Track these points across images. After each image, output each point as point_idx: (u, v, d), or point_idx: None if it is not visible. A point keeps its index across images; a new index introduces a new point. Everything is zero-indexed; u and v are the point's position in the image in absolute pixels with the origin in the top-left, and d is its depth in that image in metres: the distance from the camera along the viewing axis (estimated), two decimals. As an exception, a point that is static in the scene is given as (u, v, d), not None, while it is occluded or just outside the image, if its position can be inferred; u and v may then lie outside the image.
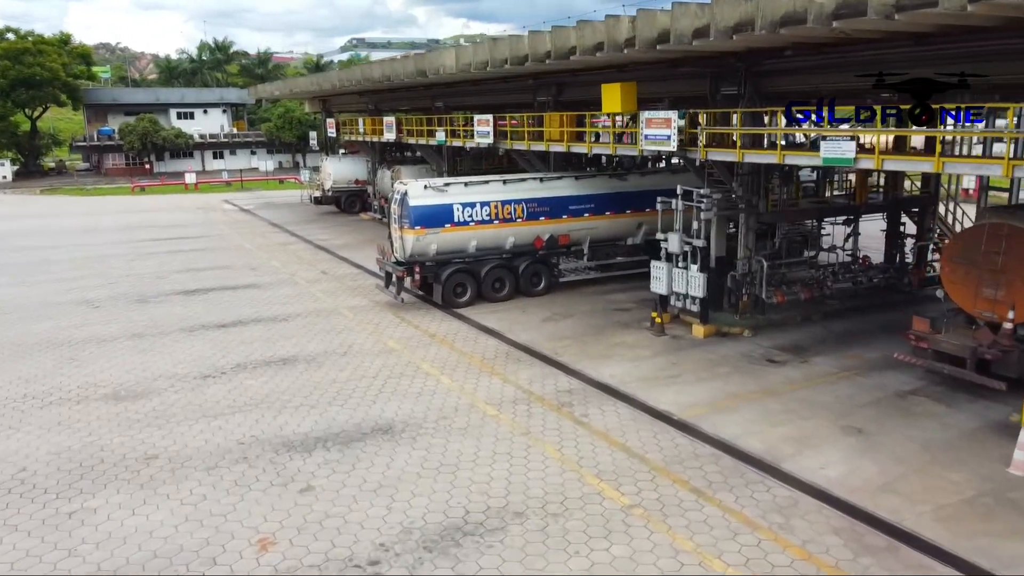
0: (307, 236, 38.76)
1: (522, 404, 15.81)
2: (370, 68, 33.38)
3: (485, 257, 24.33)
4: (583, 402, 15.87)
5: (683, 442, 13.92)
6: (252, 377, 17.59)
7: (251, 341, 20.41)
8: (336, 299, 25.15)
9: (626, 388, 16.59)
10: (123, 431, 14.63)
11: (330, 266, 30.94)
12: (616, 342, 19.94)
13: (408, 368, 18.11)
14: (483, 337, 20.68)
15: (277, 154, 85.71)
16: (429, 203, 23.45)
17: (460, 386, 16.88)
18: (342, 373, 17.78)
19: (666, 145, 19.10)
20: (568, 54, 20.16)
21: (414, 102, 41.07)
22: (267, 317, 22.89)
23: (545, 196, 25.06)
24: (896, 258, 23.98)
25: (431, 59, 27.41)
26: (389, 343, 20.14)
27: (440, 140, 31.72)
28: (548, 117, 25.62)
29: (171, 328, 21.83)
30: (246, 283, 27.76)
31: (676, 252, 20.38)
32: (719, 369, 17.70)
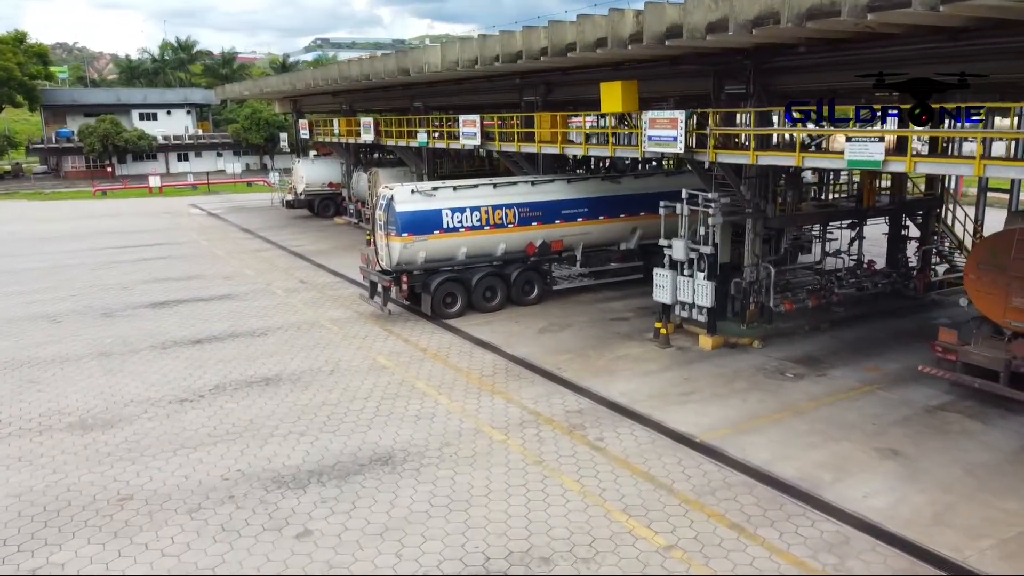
0: (281, 242, 37.16)
1: (530, 427, 14.64)
2: (348, 67, 31.97)
3: (475, 265, 23.12)
4: (596, 424, 14.74)
5: (711, 469, 12.85)
6: (233, 400, 16.18)
7: (229, 359, 18.96)
8: (317, 310, 23.74)
9: (639, 407, 15.50)
10: (92, 467, 13.16)
11: (308, 274, 29.48)
12: (620, 355, 18.85)
13: (402, 388, 16.84)
14: (478, 351, 19.47)
15: (244, 156, 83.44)
16: (416, 208, 22.17)
17: (461, 407, 15.65)
18: (331, 394, 16.45)
19: (672, 147, 18.06)
20: (566, 50, 19.04)
21: (391, 102, 39.69)
22: (245, 331, 21.43)
23: (537, 200, 23.92)
24: (900, 263, 23.21)
25: (415, 57, 26.13)
26: (379, 359, 18.83)
27: (422, 142, 30.42)
28: (539, 117, 24.48)
29: (141, 345, 20.27)
30: (220, 294, 26.20)
31: (681, 259, 19.35)
32: (735, 384, 16.70)
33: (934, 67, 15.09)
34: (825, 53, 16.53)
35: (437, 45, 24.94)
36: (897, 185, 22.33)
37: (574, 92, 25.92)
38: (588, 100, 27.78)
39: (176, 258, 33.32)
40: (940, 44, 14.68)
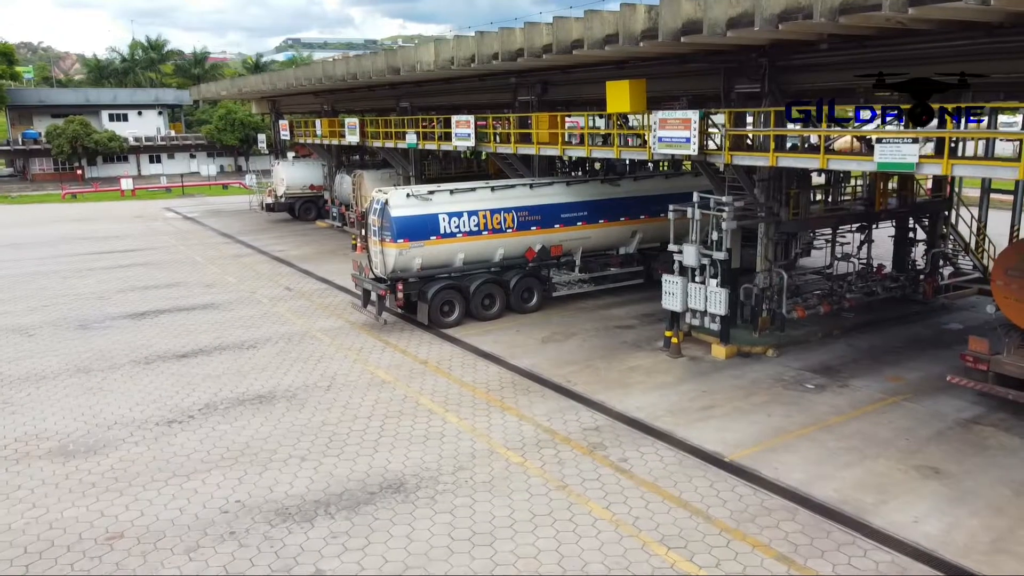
0: (262, 247, 35.93)
1: (548, 447, 13.76)
2: (333, 66, 30.87)
3: (473, 271, 22.20)
4: (616, 443, 13.91)
5: (745, 492, 12.06)
6: (226, 421, 15.11)
7: (218, 374, 17.86)
8: (307, 320, 22.67)
9: (659, 423, 14.69)
10: (77, 499, 12.06)
11: (293, 281, 28.35)
12: (631, 366, 18.04)
13: (406, 404, 15.88)
14: (481, 363, 18.56)
15: (219, 158, 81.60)
16: (412, 213, 21.20)
17: (471, 426, 14.73)
18: (331, 413, 15.44)
19: (684, 148, 17.27)
20: (571, 48, 18.21)
21: (375, 103, 38.62)
22: (232, 344, 20.31)
23: (536, 204, 23.06)
24: (909, 267, 22.67)
25: (406, 55, 25.14)
26: (377, 373, 17.85)
27: (411, 143, 29.41)
28: (536, 118, 23.61)
29: (122, 360, 19.09)
30: (202, 303, 25.01)
31: (693, 265, 18.58)
32: (755, 397, 15.95)
33: (963, 65, 14.48)
34: (851, 50, 15.82)
35: (430, 43, 23.98)
36: (905, 187, 21.76)
37: (572, 91, 25.11)
38: (586, 99, 27.19)
39: (153, 265, 31.98)
40: (972, 41, 14.04)
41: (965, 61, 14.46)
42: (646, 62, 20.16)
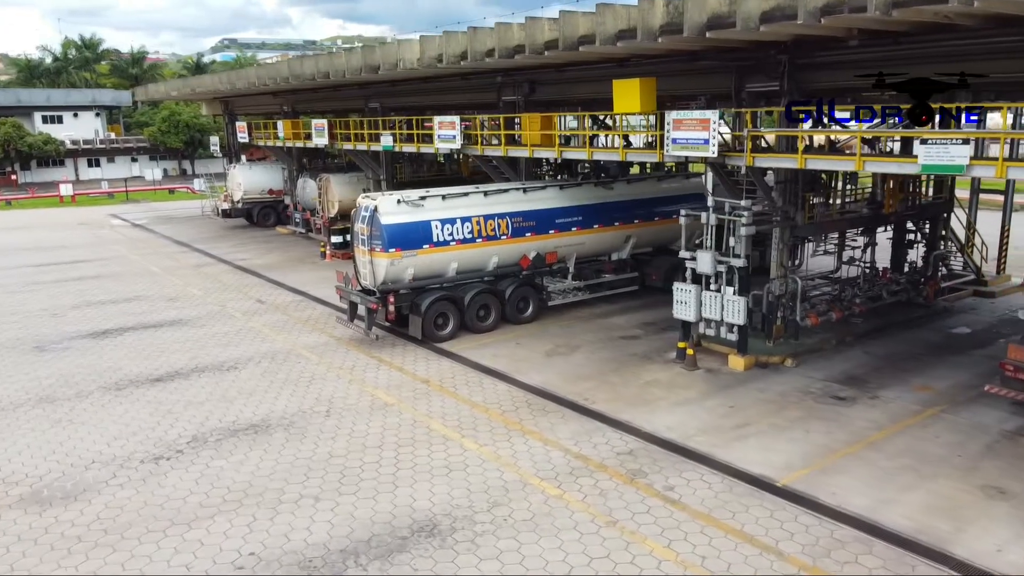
0: (223, 255, 33.96)
1: (584, 476, 12.64)
2: (300, 64, 29.19)
3: (467, 281, 20.96)
4: (656, 468, 12.87)
5: (810, 522, 11.14)
6: (220, 455, 13.59)
7: (201, 401, 16.26)
8: (288, 336, 21.10)
9: (695, 445, 13.72)
10: (61, 559, 10.47)
11: (264, 292, 26.64)
12: (647, 380, 17.06)
13: (417, 430, 14.57)
14: (487, 380, 17.35)
15: (162, 161, 78.25)
16: (404, 221, 19.87)
17: (494, 453, 13.52)
18: (336, 443, 14.05)
19: (702, 150, 16.36)
20: (578, 44, 17.15)
21: (341, 103, 36.94)
22: (211, 365, 18.66)
23: (530, 209, 21.94)
24: (908, 270, 22.25)
25: (386, 52, 23.73)
26: (377, 394, 16.49)
27: (387, 146, 27.97)
28: (528, 119, 22.45)
29: (90, 386, 17.30)
30: (169, 319, 23.18)
31: (708, 273, 17.70)
32: (788, 412, 15.11)
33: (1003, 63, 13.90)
34: (885, 47, 15.07)
35: (413, 40, 22.63)
36: (913, 189, 21.30)
37: (562, 91, 24.06)
38: (580, 99, 26.14)
39: (107, 277, 29.82)
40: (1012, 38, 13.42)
41: (1006, 58, 13.86)
42: (650, 60, 19.21)
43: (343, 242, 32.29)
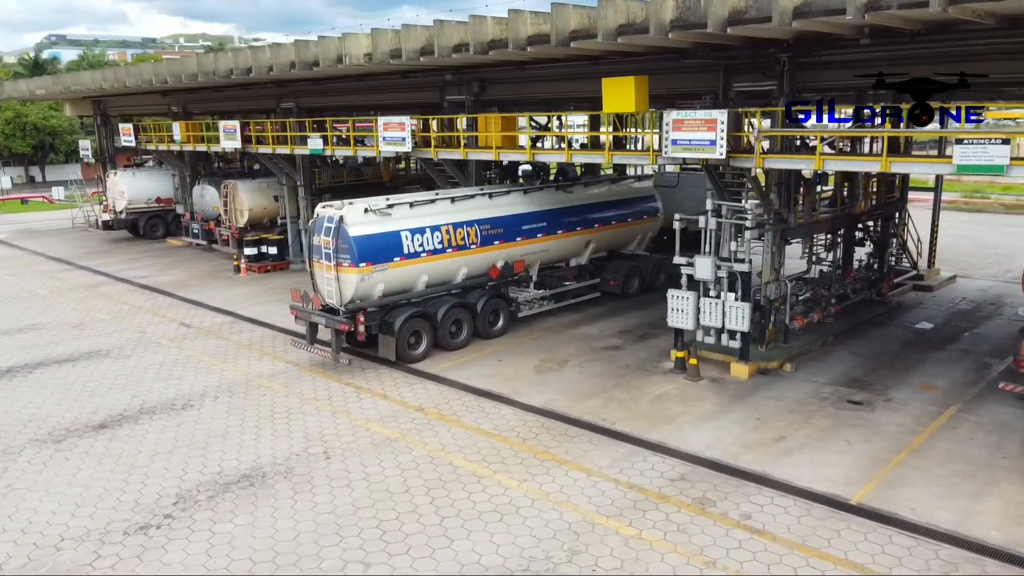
0: (117, 273, 30.33)
1: (650, 510, 11.56)
2: (213, 60, 26.32)
3: (436, 296, 19.39)
4: (719, 494, 11.98)
5: (908, 543, 10.58)
6: (221, 517, 11.48)
7: (168, 450, 13.88)
8: (237, 364, 18.73)
9: (744, 464, 12.97)
10: (73, 677, 8.25)
11: (184, 314, 23.79)
12: (656, 394, 16.20)
13: (440, 468, 12.99)
14: (487, 404, 15.92)
15: (8, 168, 70.21)
16: (373, 232, 18.07)
17: (539, 490, 12.18)
18: (355, 491, 12.24)
19: (708, 152, 15.65)
20: (570, 39, 16.07)
21: (247, 103, 33.95)
22: (159, 404, 16.15)
23: (498, 216, 20.61)
24: (868, 267, 22.66)
25: (326, 47, 21.62)
26: (373, 428, 14.70)
27: (315, 149, 25.72)
28: (486, 120, 21.09)
29: (17, 440, 14.45)
30: (83, 350, 20.11)
31: (707, 279, 17.05)
32: (816, 422, 14.66)
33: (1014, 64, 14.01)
34: (900, 46, 14.87)
35: (358, 33, 20.73)
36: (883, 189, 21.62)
37: (515, 90, 22.85)
38: (537, 98, 24.99)
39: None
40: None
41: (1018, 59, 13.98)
42: (630, 57, 18.37)
43: (258, 255, 29.71)
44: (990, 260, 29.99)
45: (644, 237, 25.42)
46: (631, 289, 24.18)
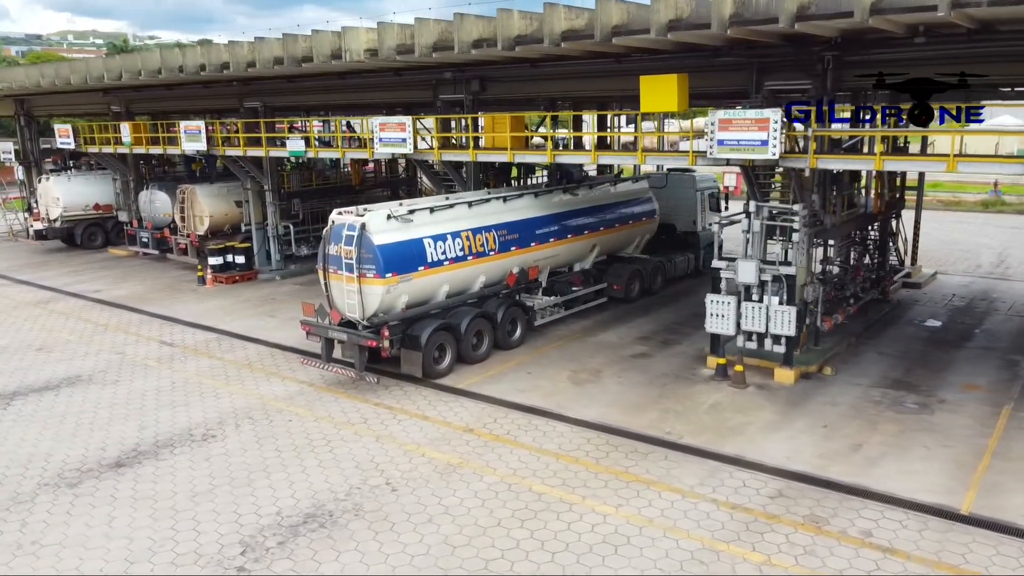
0: (64, 287, 27.77)
1: (767, 532, 10.92)
2: (180, 55, 24.20)
3: (456, 306, 18.30)
4: (828, 511, 11.45)
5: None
6: (303, 567, 10.19)
7: (209, 488, 12.38)
8: (243, 386, 17.16)
9: (835, 476, 12.51)
10: None
11: (158, 331, 21.82)
12: (708, 404, 15.64)
13: (522, 496, 12.00)
14: (539, 421, 14.98)
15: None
16: (397, 240, 16.86)
17: (642, 516, 11.36)
18: (443, 528, 11.13)
19: (759, 152, 15.17)
20: (611, 35, 15.33)
21: (198, 102, 31.70)
22: (175, 435, 14.51)
23: (513, 220, 19.69)
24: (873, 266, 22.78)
25: (321, 42, 20.10)
26: (428, 454, 13.56)
27: (296, 151, 24.11)
28: (494, 120, 20.10)
29: (25, 485, 12.64)
30: (60, 376, 18.08)
31: (751, 283, 16.62)
32: (884, 427, 14.38)
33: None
34: (942, 46, 14.73)
35: (357, 28, 19.34)
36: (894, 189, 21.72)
37: (519, 89, 21.96)
38: (545, 97, 24.14)
39: (-81, 324, 23.07)
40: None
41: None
42: (656, 55, 17.75)
43: (224, 264, 27.78)
44: (956, 256, 30.90)
45: (642, 239, 24.92)
46: (633, 293, 23.63)
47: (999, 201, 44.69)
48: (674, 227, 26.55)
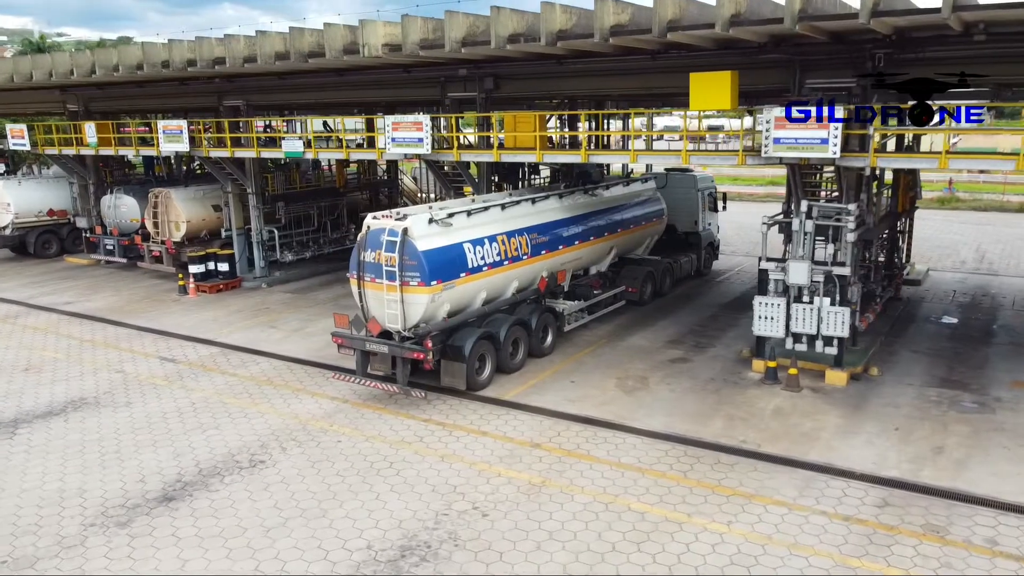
0: (31, 300, 25.69)
1: (892, 544, 10.53)
2: (162, 49, 22.56)
3: (490, 313, 17.49)
4: (939, 518, 11.15)
5: None
6: (423, 608, 9.27)
7: (281, 522, 11.26)
8: (274, 405, 15.95)
9: (928, 480, 12.27)
10: None
11: (152, 346, 20.27)
12: (769, 409, 15.25)
13: (630, 517, 11.32)
14: (603, 433, 14.33)
15: None
16: (440, 245, 15.94)
17: (758, 534, 10.83)
18: (557, 555, 10.37)
19: (817, 151, 14.89)
20: (667, 29, 14.81)
21: (170, 100, 29.77)
22: (218, 463, 13.28)
23: (542, 223, 18.98)
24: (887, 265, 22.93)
25: (333, 35, 18.95)
26: (505, 472, 12.75)
27: (292, 152, 22.79)
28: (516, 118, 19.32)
29: (68, 527, 11.28)
30: (62, 399, 16.51)
31: (803, 284, 16.32)
32: (955, 428, 14.24)
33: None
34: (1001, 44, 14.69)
35: (375, 22, 18.31)
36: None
37: (536, 87, 21.23)
38: (563, 95, 23.44)
39: None
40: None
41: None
42: (693, 51, 17.29)
43: (206, 272, 26.20)
44: (936, 252, 31.61)
45: (652, 241, 24.54)
46: (646, 295, 23.22)
47: (954, 198, 46.16)
48: (675, 227, 26.25)
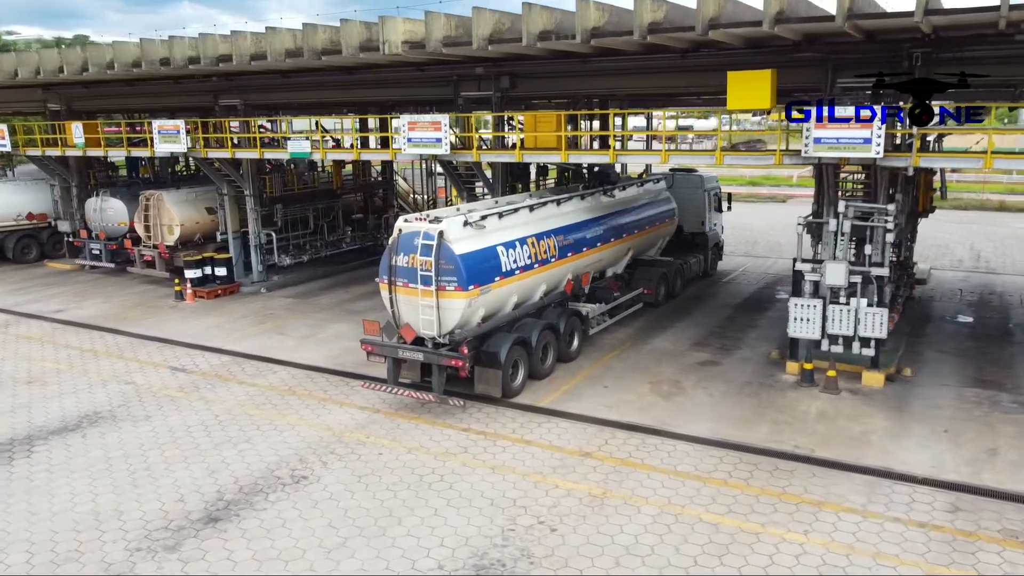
0: (15, 307, 24.56)
1: (976, 551, 10.34)
2: (161, 46, 21.62)
3: (520, 317, 17.05)
4: (1014, 523, 11.01)
5: None
6: (514, 633, 8.80)
7: (340, 542, 10.70)
8: (303, 417, 15.31)
9: (991, 483, 12.15)
10: None
11: (158, 355, 19.44)
12: (813, 412, 15.06)
13: (703, 528, 10.98)
14: (651, 440, 13.99)
15: None
16: (475, 248, 15.46)
17: (838, 543, 10.57)
18: (639, 571, 9.96)
19: (861, 151, 14.71)
20: (708, 27, 14.52)
21: (161, 100, 28.72)
22: (258, 479, 12.65)
23: (567, 224, 18.60)
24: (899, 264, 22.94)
25: (350, 32, 18.31)
26: (563, 484, 12.33)
27: (299, 153, 22.10)
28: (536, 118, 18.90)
29: (112, 552, 10.59)
30: (75, 413, 15.67)
31: (840, 285, 16.16)
32: (1002, 428, 14.19)
33: None
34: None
35: (396, 18, 17.71)
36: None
37: (555, 86, 20.84)
38: (584, 94, 23.06)
39: None
40: None
41: None
42: (725, 50, 17.04)
43: (203, 277, 25.34)
44: (932, 251, 31.76)
45: (664, 242, 24.31)
46: (660, 297, 22.97)
47: (937, 198, 46.71)
48: (681, 228, 26.04)
